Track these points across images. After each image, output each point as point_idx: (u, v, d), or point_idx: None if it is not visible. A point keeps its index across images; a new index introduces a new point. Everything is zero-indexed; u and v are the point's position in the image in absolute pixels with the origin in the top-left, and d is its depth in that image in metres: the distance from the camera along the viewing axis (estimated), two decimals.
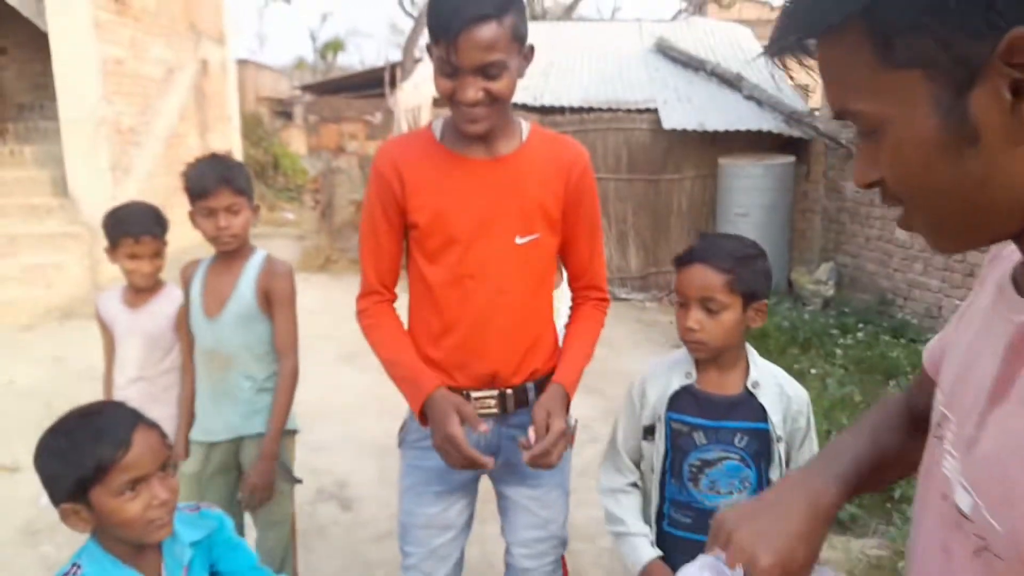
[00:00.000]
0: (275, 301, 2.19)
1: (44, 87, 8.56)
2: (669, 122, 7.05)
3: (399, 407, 1.77)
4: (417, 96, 7.55)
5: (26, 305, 6.53)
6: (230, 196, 2.04)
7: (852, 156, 6.50)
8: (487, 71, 1.44)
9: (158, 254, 2.34)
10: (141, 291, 2.37)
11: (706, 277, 1.51)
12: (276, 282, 2.17)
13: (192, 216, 2.08)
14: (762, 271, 1.56)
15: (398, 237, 1.67)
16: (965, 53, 0.55)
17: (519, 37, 1.48)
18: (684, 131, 7.01)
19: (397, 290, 1.77)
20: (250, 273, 2.16)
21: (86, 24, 6.98)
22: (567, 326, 1.79)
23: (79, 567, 1.26)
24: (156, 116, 8.48)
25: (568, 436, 1.58)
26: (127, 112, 7.79)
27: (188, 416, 2.29)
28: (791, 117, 6.91)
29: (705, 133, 7.00)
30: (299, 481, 2.28)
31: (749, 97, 7.41)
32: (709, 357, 1.58)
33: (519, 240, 1.60)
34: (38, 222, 7.20)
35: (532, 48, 1.56)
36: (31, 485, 1.64)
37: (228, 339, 2.13)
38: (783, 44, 0.64)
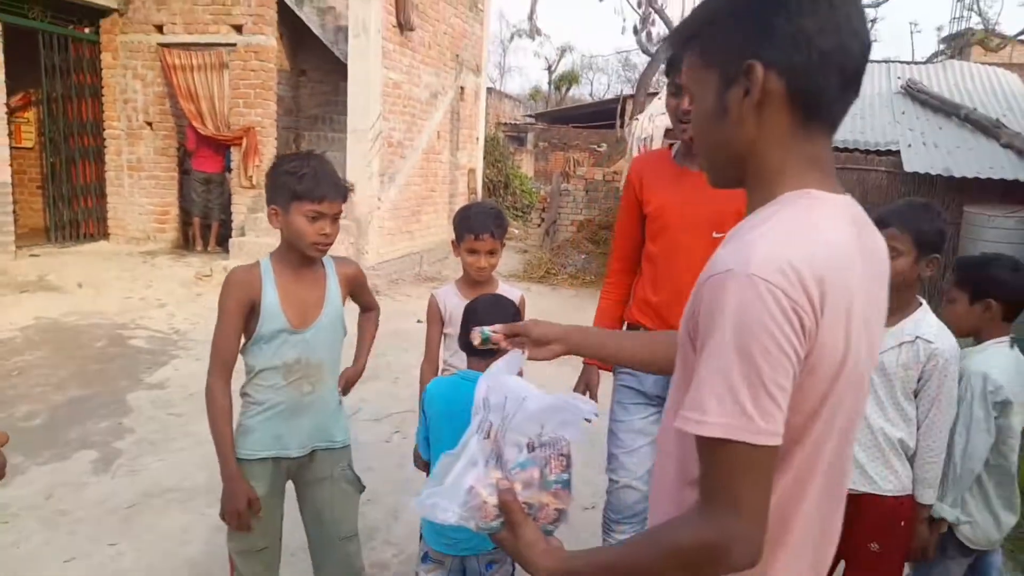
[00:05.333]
0: (362, 287, 2.25)
1: (332, 103, 10.18)
2: (911, 165, 6.81)
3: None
4: (650, 127, 7.97)
5: None
6: (340, 204, 1.99)
7: None
8: None
9: (493, 252, 2.41)
10: (476, 284, 2.44)
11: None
12: (354, 279, 2.18)
13: (274, 215, 1.98)
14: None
15: (636, 224, 2.34)
16: (734, 67, 0.93)
17: None
18: (927, 176, 6.73)
19: None
20: (331, 276, 2.09)
21: (376, 53, 8.27)
22: None
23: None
24: (419, 133, 9.72)
25: None
26: (398, 128, 9.05)
27: None
28: None
29: (951, 180, 6.66)
30: (364, 488, 2.26)
31: (1007, 145, 6.92)
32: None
33: (715, 234, 2.09)
34: None
35: None
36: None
37: (319, 349, 2.03)
38: (671, 46, 1.09)
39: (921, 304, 2.05)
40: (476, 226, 2.41)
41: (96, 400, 4.53)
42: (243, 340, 2.01)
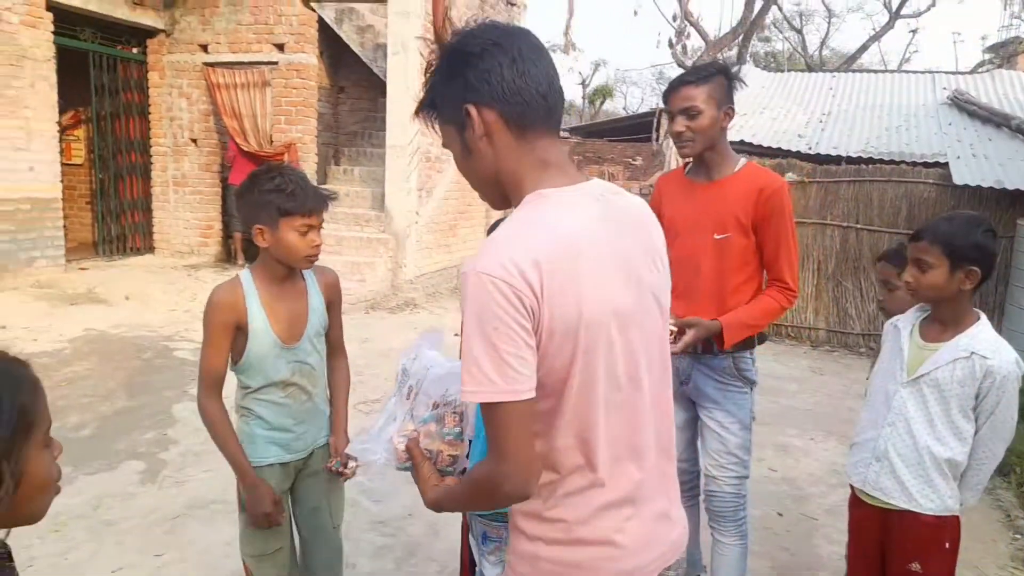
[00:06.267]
0: (336, 304, 2.17)
1: (370, 119, 10.31)
2: (960, 177, 6.62)
3: None
4: None
5: (344, 294, 7.92)
6: (322, 215, 2.02)
7: None
8: (687, 113, 2.30)
9: None
10: None
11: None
12: (334, 287, 2.17)
13: (260, 234, 1.96)
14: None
15: None
16: (459, 115, 1.18)
17: (714, 98, 2.30)
18: (977, 188, 6.54)
19: None
20: (312, 287, 2.10)
21: (415, 70, 8.35)
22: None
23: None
24: None
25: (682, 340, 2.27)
26: (435, 143, 9.11)
27: None
28: None
29: (1003, 192, 6.47)
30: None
31: None
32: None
33: (716, 236, 2.33)
34: (359, 228, 8.70)
35: (732, 109, 2.36)
36: (350, 430, 2.19)
37: (310, 358, 2.07)
38: (418, 114, 1.28)
39: (979, 318, 1.97)
40: None
41: (142, 411, 4.61)
42: (234, 358, 2.02)
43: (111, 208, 9.15)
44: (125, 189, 9.31)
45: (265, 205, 1.93)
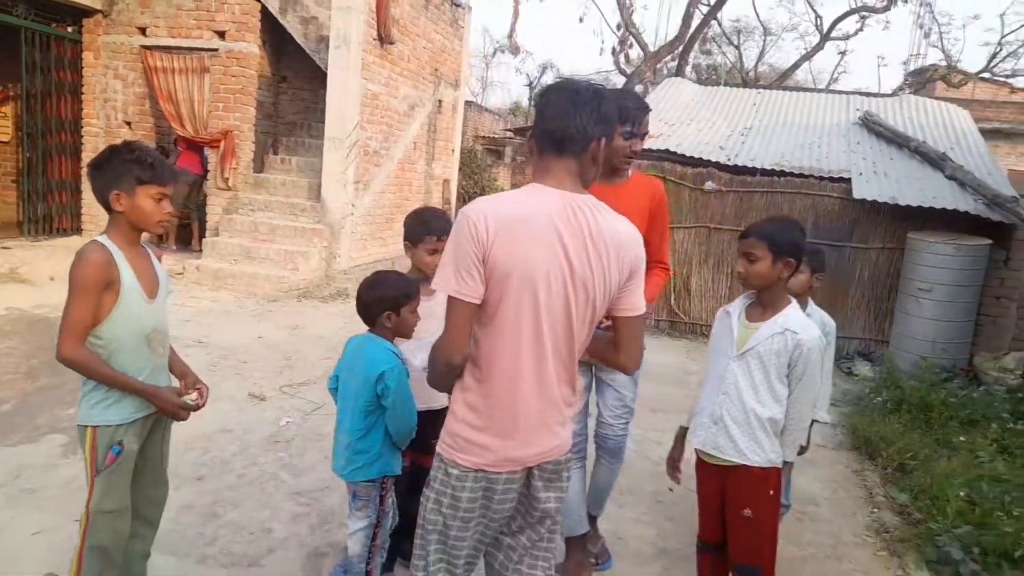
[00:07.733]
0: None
1: (311, 110, 10.36)
2: (860, 193, 7.16)
3: None
4: None
5: (276, 282, 8.01)
6: (172, 187, 2.25)
7: None
8: (644, 136, 2.78)
9: None
10: None
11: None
12: (159, 261, 2.40)
13: (117, 199, 2.13)
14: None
15: None
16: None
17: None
18: (875, 203, 7.09)
19: None
20: (152, 256, 2.32)
21: (356, 64, 8.50)
22: None
23: None
24: (395, 143, 9.94)
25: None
26: (375, 137, 9.26)
27: None
28: (994, 201, 6.75)
29: (897, 207, 7.03)
30: None
31: (951, 177, 7.31)
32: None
33: None
34: (294, 218, 8.79)
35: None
36: (274, 410, 2.40)
37: (164, 315, 2.30)
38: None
39: (791, 302, 2.39)
40: (437, 228, 2.67)
41: (65, 388, 4.65)
42: (99, 317, 2.15)
43: (38, 188, 8.98)
44: (53, 169, 9.14)
45: (125, 173, 2.13)
